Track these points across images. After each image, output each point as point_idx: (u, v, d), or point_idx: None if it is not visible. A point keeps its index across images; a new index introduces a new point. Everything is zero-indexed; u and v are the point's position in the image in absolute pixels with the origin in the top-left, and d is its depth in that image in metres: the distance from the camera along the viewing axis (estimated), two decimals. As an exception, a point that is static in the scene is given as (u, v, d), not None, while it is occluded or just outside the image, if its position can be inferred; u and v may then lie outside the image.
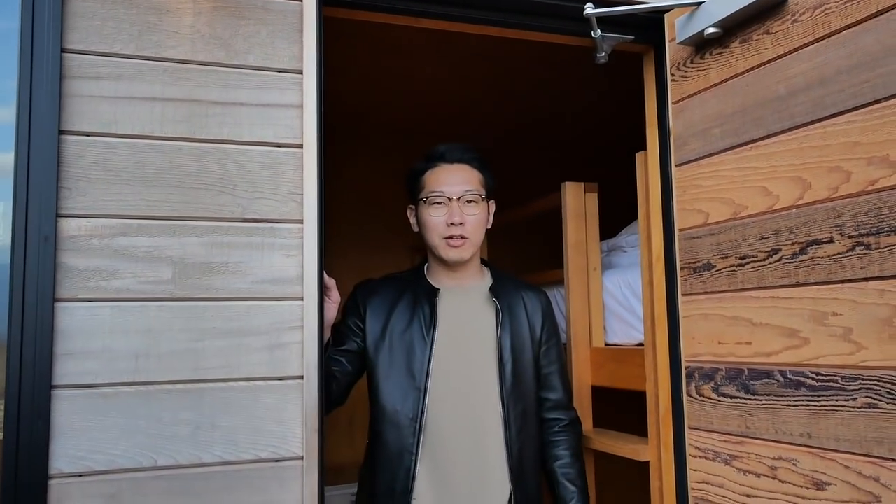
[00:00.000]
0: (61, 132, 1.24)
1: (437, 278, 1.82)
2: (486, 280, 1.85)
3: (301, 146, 1.35)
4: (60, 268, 1.22)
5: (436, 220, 1.74)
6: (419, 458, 1.66)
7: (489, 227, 1.83)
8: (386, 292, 1.78)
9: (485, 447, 1.70)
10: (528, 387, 1.77)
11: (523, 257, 3.21)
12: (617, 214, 2.58)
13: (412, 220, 1.84)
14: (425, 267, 1.86)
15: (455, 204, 1.73)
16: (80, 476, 1.19)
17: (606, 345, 2.16)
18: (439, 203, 1.74)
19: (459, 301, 1.78)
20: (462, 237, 1.73)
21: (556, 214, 2.24)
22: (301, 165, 1.35)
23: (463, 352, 1.73)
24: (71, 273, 1.22)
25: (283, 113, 1.35)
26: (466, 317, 1.77)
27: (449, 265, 1.78)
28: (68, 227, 1.23)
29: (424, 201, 1.76)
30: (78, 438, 1.20)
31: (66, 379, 1.20)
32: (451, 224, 1.73)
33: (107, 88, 1.27)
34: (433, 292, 1.76)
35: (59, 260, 1.22)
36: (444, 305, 1.76)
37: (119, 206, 1.26)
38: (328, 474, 2.86)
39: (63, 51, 1.25)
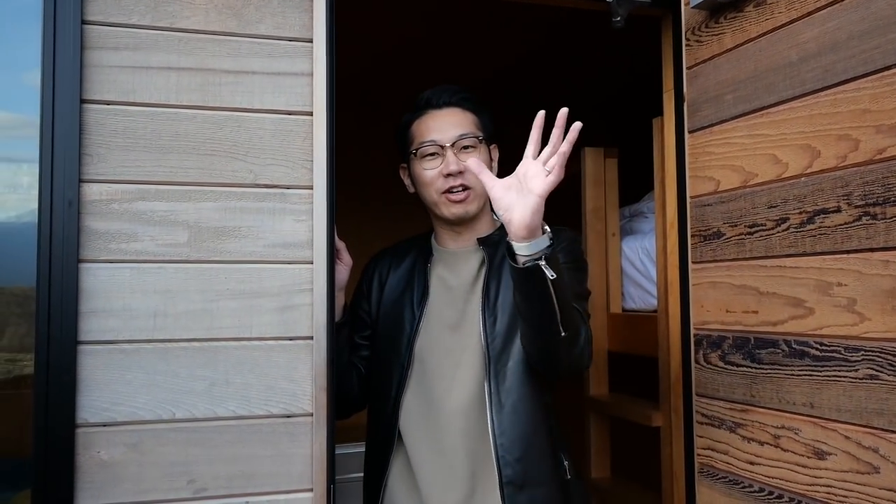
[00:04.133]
0: (83, 101, 1.29)
1: (443, 242, 1.60)
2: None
3: (311, 114, 1.38)
4: (83, 231, 1.28)
5: (430, 174, 1.52)
6: (394, 449, 1.51)
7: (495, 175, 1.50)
8: (390, 262, 1.63)
9: (479, 442, 1.44)
10: None
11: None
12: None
13: (407, 182, 1.62)
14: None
15: (450, 151, 1.50)
16: (105, 426, 1.27)
17: (623, 310, 2.17)
18: (432, 154, 1.52)
19: (459, 264, 1.56)
20: (464, 187, 1.50)
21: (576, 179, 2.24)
22: (311, 132, 1.38)
23: (455, 323, 1.51)
24: (93, 236, 1.29)
25: (293, 81, 1.38)
26: (464, 282, 1.53)
27: (453, 223, 1.55)
28: (90, 192, 1.29)
29: (415, 155, 1.54)
30: (102, 391, 1.27)
31: (90, 335, 1.27)
32: (449, 175, 1.49)
33: (125, 58, 1.32)
34: (427, 258, 1.58)
35: (82, 223, 1.28)
36: (439, 271, 1.57)
37: (137, 172, 1.31)
38: (352, 432, 2.94)
39: (84, 22, 1.29)
